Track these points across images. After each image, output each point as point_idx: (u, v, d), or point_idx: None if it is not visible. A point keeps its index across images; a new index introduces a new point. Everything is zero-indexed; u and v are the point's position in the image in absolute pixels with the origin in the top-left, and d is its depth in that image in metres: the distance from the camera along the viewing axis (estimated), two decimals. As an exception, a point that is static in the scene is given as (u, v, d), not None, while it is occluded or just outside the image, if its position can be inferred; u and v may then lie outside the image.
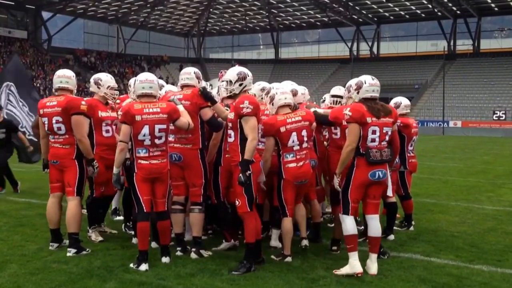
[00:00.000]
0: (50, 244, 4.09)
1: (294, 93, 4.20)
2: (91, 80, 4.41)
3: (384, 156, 3.56)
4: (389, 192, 3.76)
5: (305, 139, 3.83)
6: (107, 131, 4.30)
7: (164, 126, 3.60)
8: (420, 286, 3.31)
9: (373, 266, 3.57)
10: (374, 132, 3.52)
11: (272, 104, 3.85)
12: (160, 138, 3.60)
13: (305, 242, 3.99)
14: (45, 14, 42.15)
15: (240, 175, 3.44)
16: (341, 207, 3.61)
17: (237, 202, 3.58)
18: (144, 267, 3.54)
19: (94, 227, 4.45)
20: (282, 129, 3.72)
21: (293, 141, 3.77)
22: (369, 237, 3.67)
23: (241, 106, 3.51)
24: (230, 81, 3.70)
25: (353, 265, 3.50)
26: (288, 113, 3.80)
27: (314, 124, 3.99)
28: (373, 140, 3.52)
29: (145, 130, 3.55)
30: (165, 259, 3.72)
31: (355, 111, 3.51)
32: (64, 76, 4.07)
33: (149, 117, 3.56)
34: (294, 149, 3.79)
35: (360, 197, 3.60)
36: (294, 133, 3.75)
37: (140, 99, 3.68)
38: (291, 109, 3.84)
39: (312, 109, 4.11)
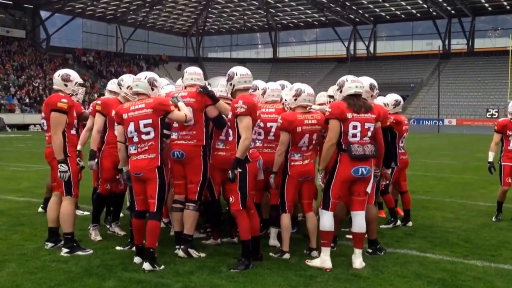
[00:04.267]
0: (45, 242, 4.08)
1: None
2: (116, 81, 4.55)
3: (368, 151, 3.56)
4: (369, 189, 3.70)
5: (314, 142, 3.90)
6: None
7: (150, 121, 3.57)
8: (416, 281, 3.35)
9: (357, 261, 3.62)
10: (355, 127, 3.55)
11: (295, 100, 3.86)
12: (147, 133, 3.59)
13: (315, 254, 3.92)
14: (44, 14, 42.10)
15: (230, 171, 3.50)
16: (322, 201, 3.66)
17: (231, 199, 3.64)
18: (137, 259, 3.60)
19: (95, 225, 4.44)
20: (299, 128, 3.76)
21: (304, 142, 3.82)
22: (353, 233, 3.72)
23: (235, 105, 3.57)
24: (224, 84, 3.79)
25: (324, 260, 3.58)
26: (306, 113, 3.84)
27: None
28: (354, 136, 3.55)
29: (131, 127, 3.59)
30: (141, 262, 3.54)
31: (334, 108, 3.58)
32: (54, 78, 4.15)
33: (134, 114, 3.60)
34: (302, 150, 3.84)
35: (342, 194, 3.63)
36: (307, 135, 3.80)
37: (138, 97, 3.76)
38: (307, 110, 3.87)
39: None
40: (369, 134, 3.61)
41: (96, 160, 4.26)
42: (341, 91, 3.68)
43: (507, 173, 5.43)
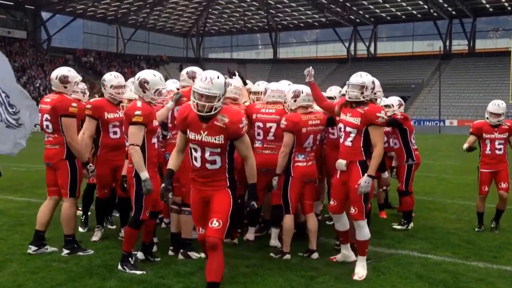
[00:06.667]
0: (29, 246, 3.90)
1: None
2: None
3: None
4: None
5: (317, 142, 3.93)
6: (115, 132, 4.18)
7: (123, 129, 3.60)
8: (418, 282, 3.35)
9: (351, 254, 3.76)
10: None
11: (295, 101, 3.83)
12: (126, 140, 3.59)
13: (316, 256, 3.92)
14: (45, 14, 42.14)
15: (253, 203, 3.03)
16: (363, 213, 3.47)
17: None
18: (139, 255, 3.67)
19: (98, 226, 4.43)
20: (304, 129, 3.76)
21: (308, 143, 3.82)
22: (339, 231, 3.81)
23: (240, 126, 2.91)
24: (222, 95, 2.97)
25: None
26: (308, 113, 3.84)
27: None
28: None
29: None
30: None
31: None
32: (51, 79, 3.98)
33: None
34: (307, 150, 3.84)
35: None
36: (311, 136, 3.81)
37: None
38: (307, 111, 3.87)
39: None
40: None
41: (89, 167, 3.97)
42: (374, 92, 3.61)
43: (484, 180, 5.00)
